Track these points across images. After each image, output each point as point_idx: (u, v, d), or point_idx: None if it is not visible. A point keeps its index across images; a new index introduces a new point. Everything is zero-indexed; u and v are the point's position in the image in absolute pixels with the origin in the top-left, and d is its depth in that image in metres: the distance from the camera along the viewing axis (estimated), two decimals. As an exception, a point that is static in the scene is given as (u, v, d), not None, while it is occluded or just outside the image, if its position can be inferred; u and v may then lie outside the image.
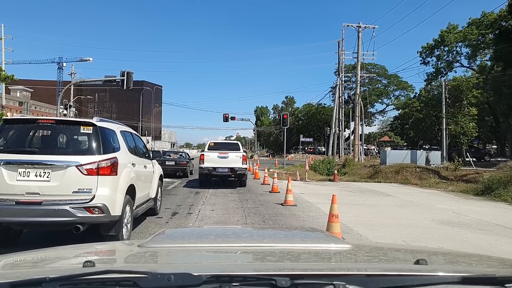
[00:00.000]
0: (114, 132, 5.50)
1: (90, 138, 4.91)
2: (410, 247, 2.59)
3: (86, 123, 5.00)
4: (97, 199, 4.66)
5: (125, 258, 1.59)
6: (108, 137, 5.18)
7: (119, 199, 4.96)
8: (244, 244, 1.65)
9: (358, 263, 1.52)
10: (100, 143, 4.90)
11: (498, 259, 1.56)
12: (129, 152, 5.79)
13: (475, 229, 7.23)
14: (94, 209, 4.64)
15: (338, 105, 31.71)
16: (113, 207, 4.81)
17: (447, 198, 12.51)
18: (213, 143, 14.60)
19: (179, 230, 3.28)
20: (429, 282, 1.06)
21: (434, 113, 57.32)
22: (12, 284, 0.98)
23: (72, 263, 1.50)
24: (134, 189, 5.63)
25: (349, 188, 14.95)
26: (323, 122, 65.14)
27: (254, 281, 1.00)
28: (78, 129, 5.00)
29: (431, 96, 50.87)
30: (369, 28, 31.08)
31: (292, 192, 10.18)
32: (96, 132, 4.93)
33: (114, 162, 4.94)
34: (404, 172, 19.93)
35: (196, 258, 1.50)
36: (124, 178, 5.18)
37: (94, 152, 4.83)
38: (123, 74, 25.18)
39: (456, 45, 45.80)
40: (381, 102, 65.69)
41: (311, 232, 2.28)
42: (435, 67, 48.99)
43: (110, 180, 4.83)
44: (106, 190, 4.76)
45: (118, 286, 0.98)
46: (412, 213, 9.13)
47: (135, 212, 5.91)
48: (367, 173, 22.31)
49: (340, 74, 32.54)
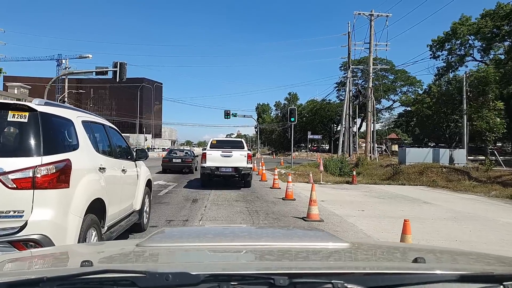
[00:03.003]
0: (71, 123, 3.83)
1: (24, 131, 3.27)
2: (408, 246, 2.52)
3: (18, 107, 3.29)
4: (32, 228, 3.05)
5: (123, 257, 1.55)
6: (57, 130, 3.60)
7: (72, 224, 3.35)
8: (242, 243, 1.62)
9: (357, 261, 1.50)
10: (40, 138, 3.22)
11: (496, 257, 1.53)
12: (95, 151, 4.19)
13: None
14: (27, 244, 3.02)
15: (348, 99, 29.47)
16: (62, 238, 3.21)
17: (499, 207, 10.31)
18: (215, 141, 13.53)
19: (178, 229, 3.45)
20: (427, 280, 1.05)
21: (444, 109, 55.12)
22: (9, 284, 0.98)
23: (70, 263, 1.51)
24: (103, 204, 4.05)
25: (373, 193, 12.76)
26: (328, 118, 62.87)
27: (252, 280, 0.99)
28: (5, 116, 3.27)
29: (444, 91, 48.65)
30: (382, 17, 28.83)
31: (317, 203, 7.98)
32: (35, 121, 3.26)
33: (65, 167, 3.33)
34: (428, 173, 17.76)
35: (194, 257, 1.50)
36: (83, 191, 3.60)
37: (30, 152, 3.18)
38: (116, 65, 23.19)
39: (468, 38, 43.63)
40: (387, 98, 63.27)
41: (310, 231, 2.36)
42: (446, 61, 46.83)
43: (55, 195, 3.22)
44: (48, 212, 3.15)
45: (116, 285, 0.96)
46: (476, 231, 6.95)
47: (108, 236, 4.31)
48: (384, 174, 20.13)
49: (350, 66, 30.25)
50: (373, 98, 29.03)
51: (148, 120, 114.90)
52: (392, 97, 63.25)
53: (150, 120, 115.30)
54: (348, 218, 7.87)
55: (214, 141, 13.45)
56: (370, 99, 27.97)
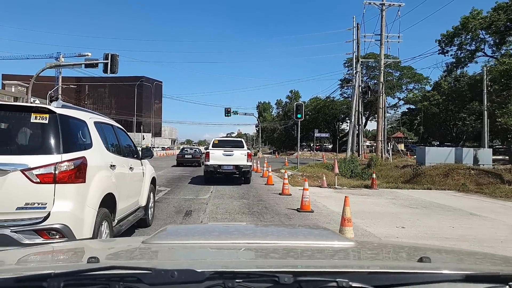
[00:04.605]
0: (84, 124, 4.13)
1: (45, 131, 3.57)
2: (414, 245, 2.36)
3: (40, 109, 3.59)
4: (54, 218, 3.40)
5: (129, 254, 1.56)
6: (73, 130, 3.89)
7: (88, 216, 3.66)
8: (247, 241, 1.61)
9: (362, 260, 1.48)
10: (60, 137, 3.55)
11: (503, 257, 1.51)
12: (106, 150, 4.48)
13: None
14: (50, 232, 3.39)
15: (358, 94, 27.47)
16: (80, 228, 3.53)
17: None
18: (217, 141, 14.62)
19: (183, 226, 3.59)
20: (432, 280, 1.04)
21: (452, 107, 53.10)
22: (17, 279, 0.98)
23: (77, 259, 1.52)
24: (114, 199, 4.33)
25: (401, 200, 10.81)
26: (331, 117, 60.85)
27: (257, 277, 0.99)
28: (28, 118, 3.57)
29: (454, 88, 46.73)
30: (394, 6, 26.87)
31: (352, 223, 6.03)
32: (55, 122, 3.57)
33: (81, 164, 3.65)
34: (454, 175, 15.78)
35: (199, 254, 1.49)
36: (97, 186, 3.89)
37: (51, 150, 3.51)
38: (107, 57, 21.42)
39: (479, 33, 41.76)
40: (393, 96, 61.18)
41: (315, 230, 2.32)
42: (455, 57, 44.94)
43: (74, 189, 3.56)
44: (68, 204, 3.49)
45: (122, 282, 0.97)
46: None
47: (117, 229, 4.59)
48: (402, 175, 18.18)
49: (359, 59, 28.29)
50: (384, 94, 27.09)
51: (148, 119, 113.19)
52: (397, 94, 61.28)
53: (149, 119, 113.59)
54: (390, 239, 5.91)
55: (216, 141, 14.51)
56: (382, 94, 26.00)
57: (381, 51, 26.91)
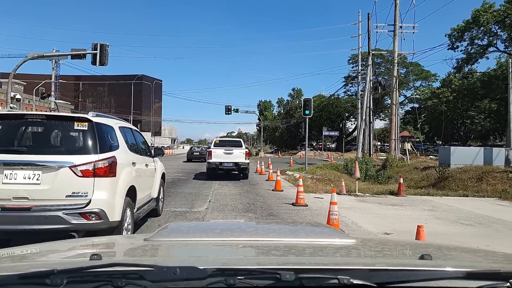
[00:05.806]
0: (112, 128, 5.03)
1: (85, 136, 4.47)
2: (415, 242, 2.38)
3: (80, 119, 4.51)
4: (93, 204, 4.27)
5: (131, 251, 1.58)
6: (105, 134, 4.73)
7: (118, 203, 4.54)
8: (249, 239, 1.61)
9: (363, 257, 1.49)
10: (96, 140, 4.42)
11: (504, 255, 1.50)
12: (129, 150, 5.33)
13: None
14: (91, 215, 4.24)
15: (368, 89, 25.38)
16: (112, 212, 4.40)
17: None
18: (218, 141, 16.26)
19: (185, 224, 3.63)
20: (434, 277, 1.04)
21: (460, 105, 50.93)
22: (20, 276, 0.98)
23: (79, 256, 1.53)
24: (135, 190, 5.18)
25: (443, 213, 8.74)
26: (336, 115, 58.70)
27: (259, 274, 1.00)
28: (72, 125, 4.52)
29: (466, 85, 44.69)
30: (409, -6, 24.77)
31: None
32: (92, 129, 4.46)
33: (113, 162, 4.50)
34: (490, 179, 13.71)
35: (201, 251, 1.49)
36: (123, 179, 4.76)
37: (90, 151, 4.39)
38: (95, 47, 19.58)
39: (491, 27, 39.76)
40: (400, 93, 59.03)
41: (316, 227, 2.30)
42: (465, 52, 42.89)
43: (108, 182, 4.43)
44: (103, 193, 4.35)
45: (124, 278, 0.97)
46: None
47: (136, 215, 5.41)
48: (424, 179, 16.11)
49: (370, 52, 26.21)
50: (397, 89, 25.04)
51: (147, 118, 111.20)
52: (403, 92, 59.10)
53: (149, 118, 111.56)
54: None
55: (217, 141, 16.21)
56: (395, 89, 23.93)
57: (395, 42, 24.79)
